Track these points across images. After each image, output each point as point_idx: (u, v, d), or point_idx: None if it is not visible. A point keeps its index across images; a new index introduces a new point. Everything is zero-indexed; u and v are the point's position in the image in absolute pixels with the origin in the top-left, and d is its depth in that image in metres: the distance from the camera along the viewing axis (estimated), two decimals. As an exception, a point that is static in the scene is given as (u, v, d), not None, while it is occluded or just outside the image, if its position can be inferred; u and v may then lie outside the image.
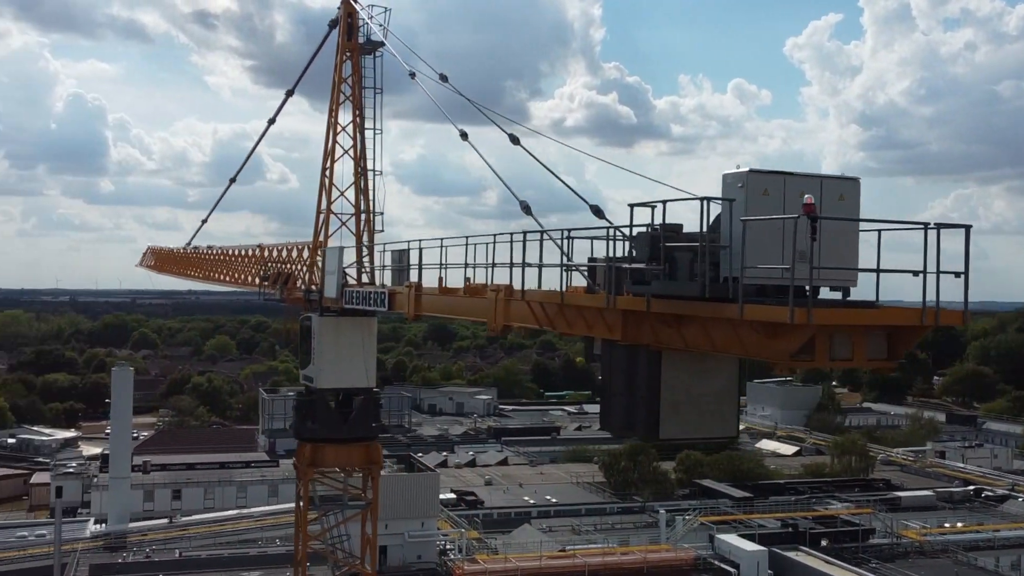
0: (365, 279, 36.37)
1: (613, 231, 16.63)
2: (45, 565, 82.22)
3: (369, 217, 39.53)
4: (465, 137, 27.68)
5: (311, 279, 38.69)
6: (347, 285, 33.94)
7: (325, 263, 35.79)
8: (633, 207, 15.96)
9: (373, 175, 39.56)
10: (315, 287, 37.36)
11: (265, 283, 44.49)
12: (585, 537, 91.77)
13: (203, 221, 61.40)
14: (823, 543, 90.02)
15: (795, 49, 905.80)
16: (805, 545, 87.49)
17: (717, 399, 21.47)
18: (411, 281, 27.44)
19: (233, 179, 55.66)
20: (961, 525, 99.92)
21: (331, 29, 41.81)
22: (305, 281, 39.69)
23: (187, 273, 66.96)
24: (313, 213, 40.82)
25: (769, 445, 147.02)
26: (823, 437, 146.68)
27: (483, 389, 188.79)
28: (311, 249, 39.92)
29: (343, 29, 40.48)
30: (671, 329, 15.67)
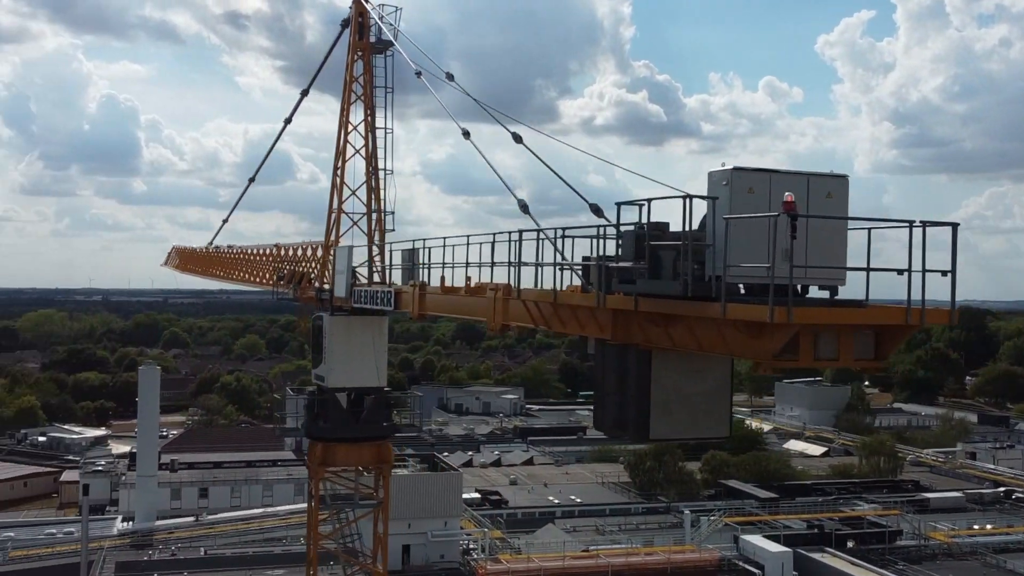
0: (376, 278, 36.40)
1: (603, 230, 16.53)
2: (73, 562, 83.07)
3: (380, 216, 39.70)
4: (467, 136, 27.70)
5: (323, 278, 38.83)
6: (356, 284, 34.02)
7: (335, 262, 35.89)
8: (620, 205, 15.88)
9: (384, 174, 39.80)
10: (327, 286, 37.49)
11: (280, 282, 44.68)
12: (609, 537, 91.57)
13: (224, 221, 61.77)
14: (849, 544, 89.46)
15: (827, 46, 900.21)
16: (831, 546, 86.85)
17: (709, 399, 21.38)
18: (414, 280, 27.45)
19: (252, 179, 55.98)
20: (991, 527, 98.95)
21: (343, 28, 41.94)
22: (317, 280, 39.81)
23: (208, 272, 67.34)
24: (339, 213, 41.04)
25: (797, 446, 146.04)
26: (852, 438, 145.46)
27: (510, 389, 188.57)
28: (323, 248, 40.07)
29: (354, 28, 40.60)
30: (659, 328, 15.54)
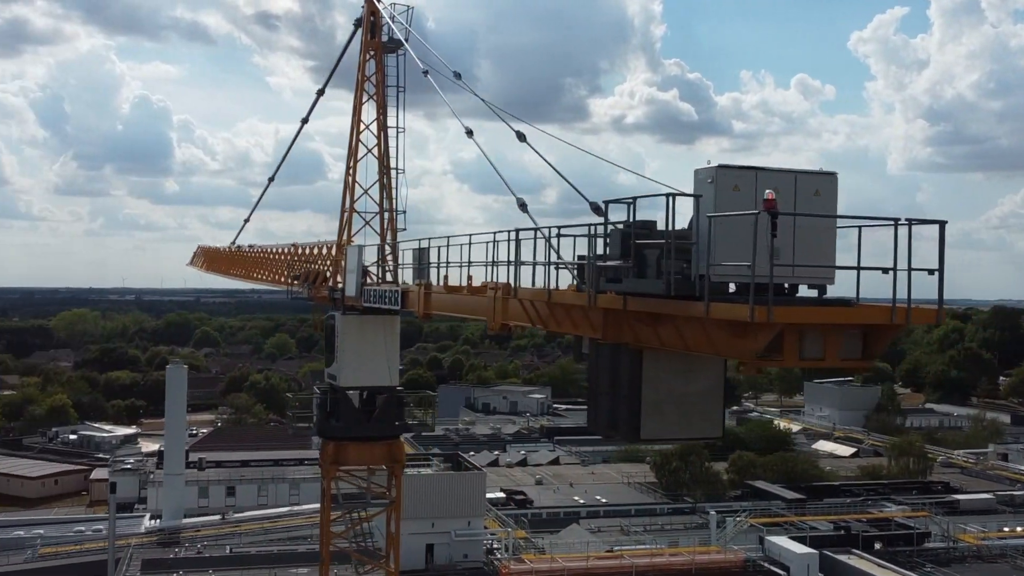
0: (388, 278, 36.41)
1: (594, 229, 16.41)
2: (100, 559, 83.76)
3: (392, 215, 39.72)
4: (471, 135, 27.66)
5: (335, 278, 38.88)
6: (366, 284, 34.04)
7: (346, 262, 35.92)
8: (608, 203, 15.77)
9: (396, 173, 39.81)
10: (339, 285, 37.53)
11: (295, 281, 44.79)
12: (634, 538, 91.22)
13: (245, 220, 62.03)
14: (876, 546, 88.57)
15: (860, 43, 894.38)
16: (858, 548, 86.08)
17: (702, 399, 21.21)
18: (420, 280, 27.41)
19: (271, 178, 56.24)
20: (1021, 529, 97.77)
21: (356, 28, 41.97)
22: (331, 280, 39.87)
23: (231, 272, 67.65)
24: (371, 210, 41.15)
25: (826, 446, 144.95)
26: (882, 438, 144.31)
27: (538, 388, 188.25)
28: (336, 248, 40.12)
29: (366, 27, 40.60)
30: (647, 328, 15.41)
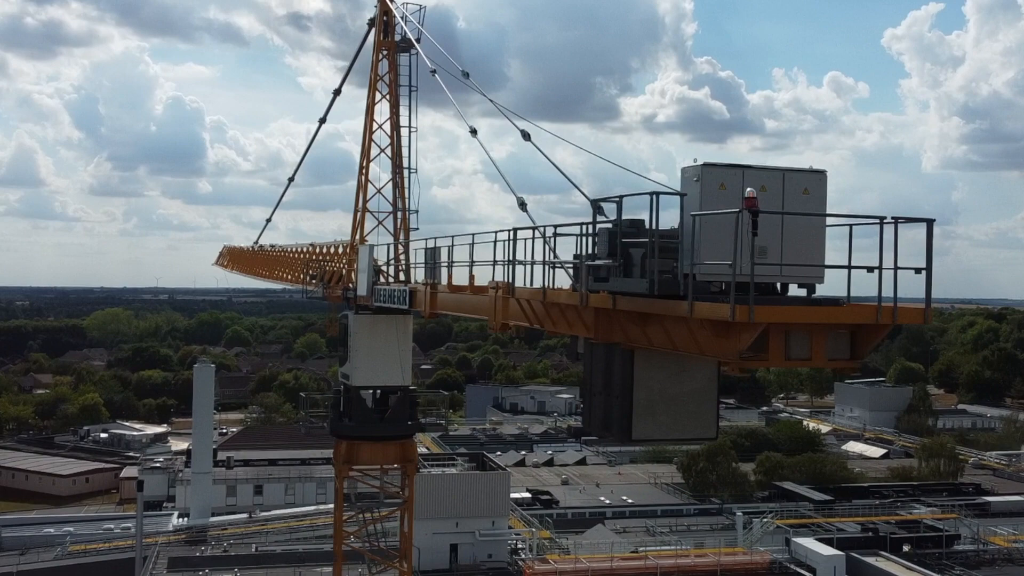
0: (402, 277, 36.42)
1: (586, 228, 16.29)
2: (128, 557, 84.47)
3: (405, 215, 39.73)
4: (474, 134, 27.64)
5: (347, 277, 38.94)
6: (377, 283, 34.08)
7: (358, 261, 35.97)
8: (596, 202, 15.66)
9: (408, 173, 39.83)
10: (352, 285, 37.60)
11: (313, 281, 44.91)
12: (659, 538, 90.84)
13: (267, 220, 62.17)
14: (905, 548, 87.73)
15: (894, 40, 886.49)
16: (885, 550, 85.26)
17: (695, 399, 21.02)
18: (429, 279, 27.35)
19: (291, 179, 56.38)
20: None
21: (371, 28, 42.00)
22: (345, 279, 39.93)
23: (253, 271, 67.93)
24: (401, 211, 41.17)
25: (856, 447, 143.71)
26: (912, 439, 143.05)
27: (566, 388, 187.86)
28: (349, 247, 40.18)
29: (379, 27, 40.63)
30: (637, 328, 15.27)
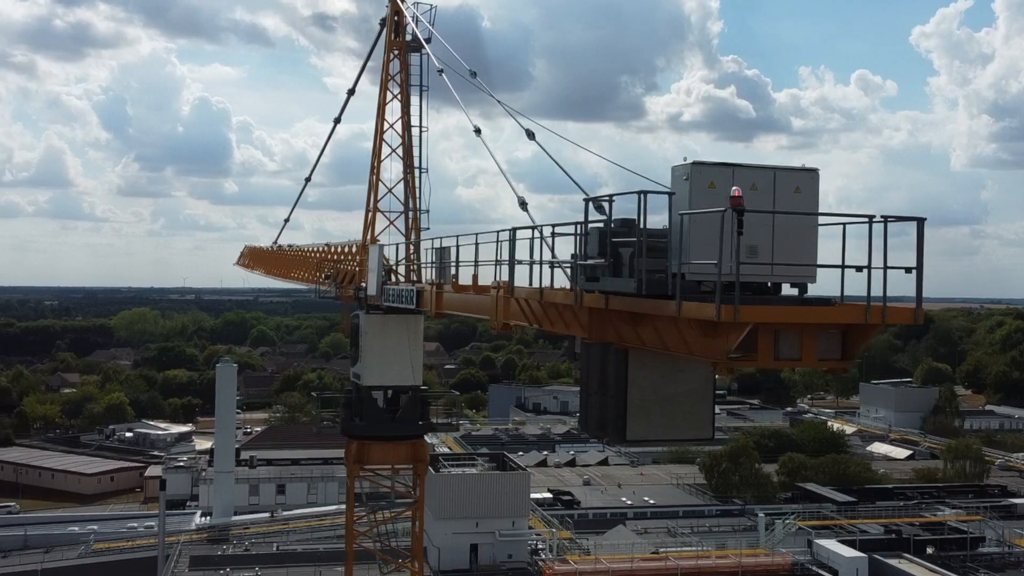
0: (413, 277, 36.41)
1: (579, 227, 16.18)
2: (151, 556, 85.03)
3: (416, 215, 39.72)
4: (479, 133, 27.62)
5: (359, 277, 38.96)
6: (387, 283, 34.07)
7: (368, 261, 35.99)
8: (587, 201, 15.56)
9: (419, 173, 39.79)
10: (363, 285, 37.62)
11: (327, 280, 44.97)
12: (680, 539, 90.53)
13: (285, 220, 62.37)
14: (928, 551, 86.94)
15: (922, 38, 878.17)
16: (909, 552, 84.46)
17: (691, 400, 20.83)
18: (438, 279, 27.31)
19: (308, 179, 56.60)
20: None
21: (382, 28, 42.01)
22: (356, 279, 39.97)
23: (271, 271, 68.08)
24: (432, 210, 41.15)
25: (881, 448, 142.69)
26: (938, 441, 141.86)
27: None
28: (360, 247, 40.21)
29: (390, 27, 40.62)
30: (629, 327, 15.16)
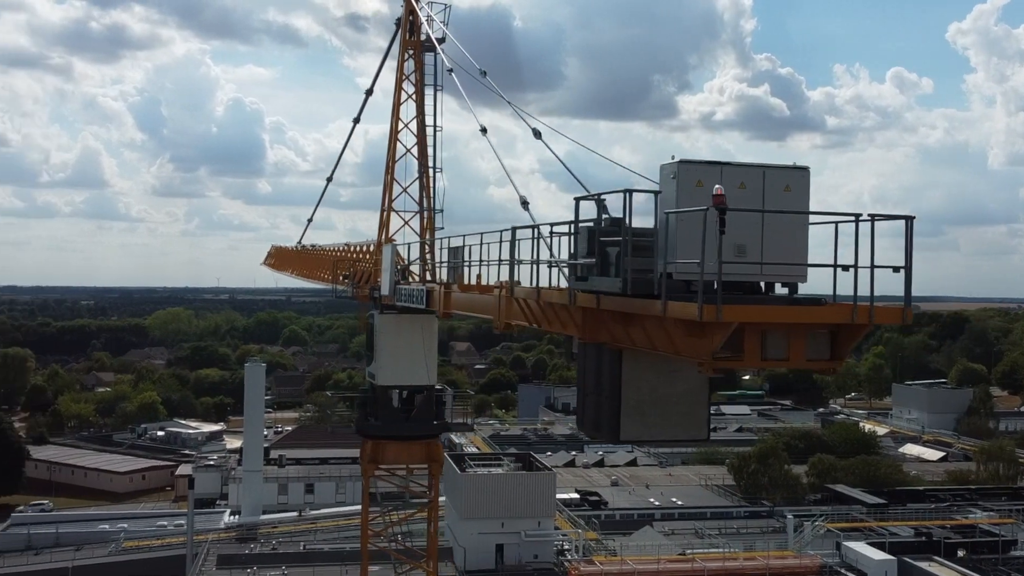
0: (428, 277, 36.38)
1: (574, 227, 16.07)
2: (180, 554, 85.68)
3: (431, 214, 39.66)
4: (484, 132, 27.57)
5: (374, 277, 38.96)
6: (399, 282, 34.05)
7: (382, 261, 35.99)
8: (579, 200, 15.45)
9: (433, 172, 39.72)
10: (378, 284, 37.61)
11: (345, 280, 45.01)
12: (708, 541, 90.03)
13: (308, 220, 62.53)
14: (960, 554, 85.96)
15: (959, 35, 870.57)
16: (939, 555, 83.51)
17: (686, 400, 20.60)
18: (438, 278, 27.29)
19: (329, 179, 56.68)
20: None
21: (398, 28, 42.03)
22: (372, 278, 39.97)
23: (295, 271, 68.26)
24: (463, 209, 41.12)
25: (913, 450, 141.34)
26: (972, 442, 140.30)
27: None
28: (376, 247, 40.22)
29: (404, 26, 40.63)
30: (620, 327, 15.03)
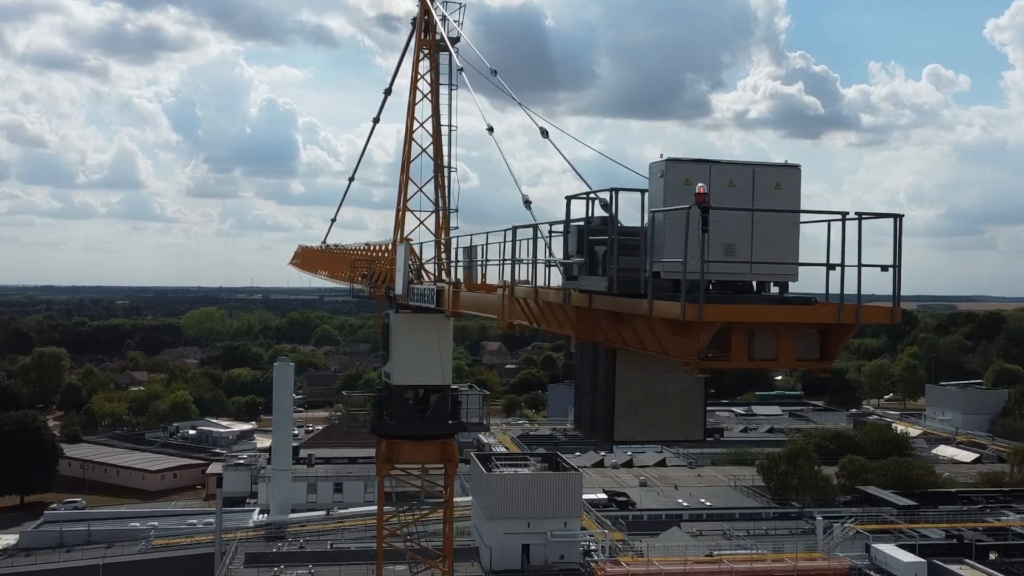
0: (444, 276, 36.34)
1: (564, 225, 15.92)
2: (208, 552, 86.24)
3: (446, 213, 39.67)
4: (491, 131, 27.52)
5: (390, 276, 38.99)
6: (412, 282, 34.04)
7: (395, 260, 36.01)
8: (570, 199, 15.32)
9: (448, 171, 39.72)
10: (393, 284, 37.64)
11: (364, 279, 45.08)
12: (735, 542, 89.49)
13: (332, 220, 62.73)
14: (991, 556, 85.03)
15: (996, 31, 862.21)
16: (970, 558, 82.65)
17: (681, 400, 20.39)
18: (449, 278, 27.24)
19: (352, 178, 56.90)
20: None
21: (414, 27, 42.06)
22: (388, 278, 40.00)
23: (317, 271, 68.47)
24: (495, 209, 41.09)
25: (946, 451, 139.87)
26: (1007, 444, 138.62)
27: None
28: (391, 247, 40.25)
29: (420, 26, 40.68)
30: (611, 326, 14.87)
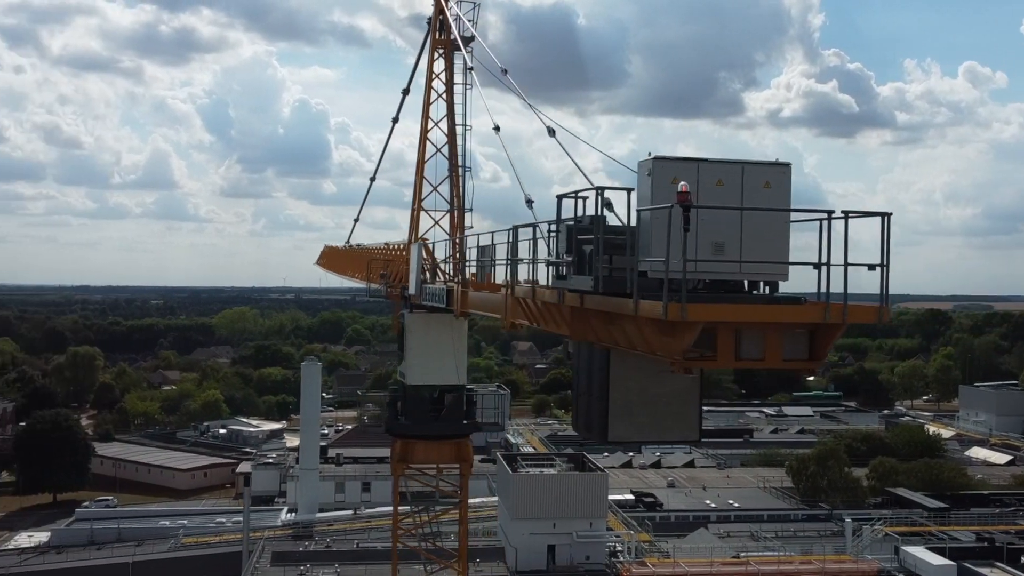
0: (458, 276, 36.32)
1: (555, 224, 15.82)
2: (236, 551, 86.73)
3: (461, 213, 39.64)
4: (497, 130, 27.48)
5: (405, 276, 39.02)
6: (424, 281, 34.05)
7: (409, 260, 36.02)
8: (561, 198, 15.21)
9: (462, 171, 39.71)
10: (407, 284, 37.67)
11: (382, 279, 45.12)
12: (763, 544, 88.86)
13: (355, 220, 62.69)
14: (1023, 560, 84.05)
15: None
16: (1002, 561, 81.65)
17: (677, 400, 20.19)
18: (458, 277, 27.20)
19: (373, 178, 56.91)
20: None
21: (429, 27, 42.08)
22: (403, 278, 40.02)
23: (341, 271, 68.56)
24: (524, 209, 40.89)
25: (980, 453, 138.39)
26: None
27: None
28: (407, 247, 40.25)
29: (434, 25, 40.71)
30: (603, 326, 14.75)
